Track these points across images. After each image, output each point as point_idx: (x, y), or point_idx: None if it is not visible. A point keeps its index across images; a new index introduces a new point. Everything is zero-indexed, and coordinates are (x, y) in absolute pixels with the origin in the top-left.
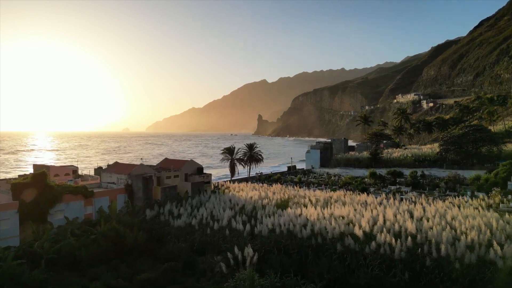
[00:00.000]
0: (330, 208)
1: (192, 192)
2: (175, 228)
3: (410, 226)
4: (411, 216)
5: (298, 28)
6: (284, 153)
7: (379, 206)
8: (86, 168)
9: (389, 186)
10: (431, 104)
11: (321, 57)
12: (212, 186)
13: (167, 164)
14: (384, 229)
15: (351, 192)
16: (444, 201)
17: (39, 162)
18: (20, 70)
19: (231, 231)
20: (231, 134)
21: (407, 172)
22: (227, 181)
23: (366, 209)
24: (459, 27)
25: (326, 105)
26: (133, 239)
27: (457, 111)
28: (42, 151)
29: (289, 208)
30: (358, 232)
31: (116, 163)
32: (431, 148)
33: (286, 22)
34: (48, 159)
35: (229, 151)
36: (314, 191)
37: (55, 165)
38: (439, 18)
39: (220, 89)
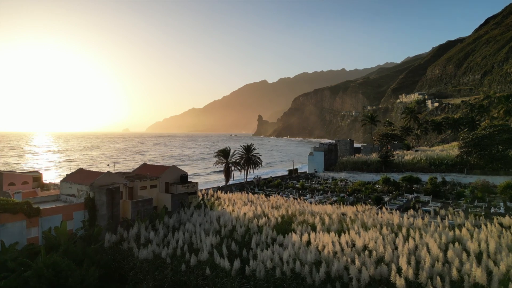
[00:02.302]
0: (348, 233)
1: (173, 206)
2: (141, 261)
3: (479, 274)
4: (465, 250)
5: (298, 28)
6: (286, 154)
7: (414, 231)
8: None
9: (405, 195)
10: (436, 104)
11: (322, 57)
12: (201, 196)
13: (145, 171)
14: (438, 278)
15: (367, 205)
16: (491, 220)
17: (39, 165)
18: (21, 70)
19: (214, 268)
20: (231, 135)
21: (423, 177)
22: (218, 190)
23: (397, 235)
24: (460, 28)
25: (327, 105)
26: (79, 279)
27: (466, 111)
28: (49, 152)
29: (293, 233)
30: (398, 280)
31: (79, 170)
32: (443, 150)
33: (286, 23)
34: (47, 162)
35: (224, 153)
36: (322, 203)
37: (16, 171)
38: (439, 19)
39: (220, 89)
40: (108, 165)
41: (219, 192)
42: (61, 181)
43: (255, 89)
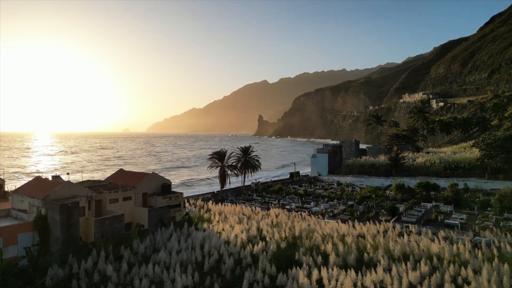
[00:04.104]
0: (374, 269)
1: (150, 223)
2: None
3: None
4: None
5: (299, 29)
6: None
7: (463, 265)
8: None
9: (422, 203)
10: (441, 104)
11: (322, 58)
12: (188, 207)
13: (121, 179)
14: None
15: (384, 219)
16: None
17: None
18: (21, 70)
19: None
20: (231, 135)
21: (439, 182)
22: (212, 198)
23: (441, 275)
24: (461, 28)
25: (328, 105)
26: None
27: (474, 110)
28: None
29: (298, 269)
30: None
31: (36, 179)
32: (455, 152)
33: (286, 23)
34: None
35: (219, 155)
36: (329, 213)
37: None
38: (440, 19)
39: (220, 89)
40: (68, 173)
41: (210, 203)
42: (12, 192)
43: (256, 89)
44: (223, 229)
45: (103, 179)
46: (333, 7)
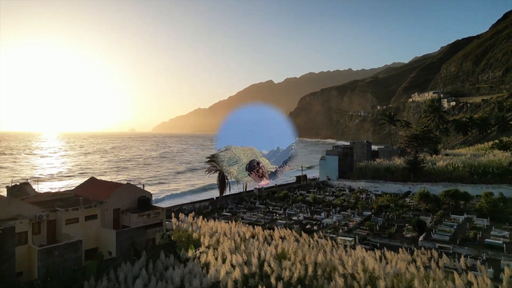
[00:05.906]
0: None
1: (118, 251)
2: None
3: None
4: None
5: (305, 28)
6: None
7: None
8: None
9: (452, 216)
10: (453, 103)
11: (328, 57)
12: (175, 222)
13: (91, 190)
14: None
15: (411, 238)
16: None
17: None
18: (28, 70)
19: None
20: None
21: (467, 190)
22: (209, 206)
23: None
24: (468, 28)
25: (334, 105)
26: None
27: (488, 110)
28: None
29: None
30: None
31: None
32: (476, 154)
33: (292, 22)
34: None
35: (218, 158)
36: (343, 227)
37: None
38: (447, 19)
39: (226, 89)
40: (29, 181)
41: (200, 219)
42: None
43: (261, 89)
44: (213, 256)
45: (71, 189)
46: (338, 7)
